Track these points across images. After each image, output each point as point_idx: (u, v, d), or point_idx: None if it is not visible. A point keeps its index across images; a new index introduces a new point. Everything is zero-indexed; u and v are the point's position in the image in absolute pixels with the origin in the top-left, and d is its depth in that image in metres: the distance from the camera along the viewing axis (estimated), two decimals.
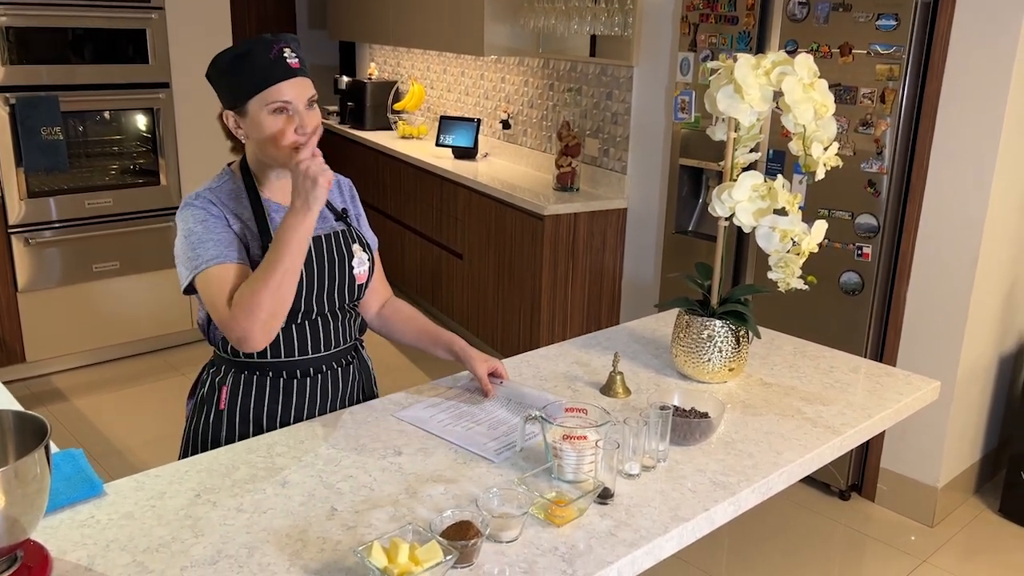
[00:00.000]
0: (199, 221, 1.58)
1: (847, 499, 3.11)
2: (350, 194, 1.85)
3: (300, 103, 1.58)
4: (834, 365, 1.97)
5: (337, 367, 1.74)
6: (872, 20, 2.73)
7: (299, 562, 1.18)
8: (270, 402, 1.67)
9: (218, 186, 1.66)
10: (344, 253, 1.71)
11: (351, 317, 1.77)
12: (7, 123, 3.67)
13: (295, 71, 1.58)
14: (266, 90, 1.56)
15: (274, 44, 1.58)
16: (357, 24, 5.85)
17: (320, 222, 1.69)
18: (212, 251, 1.55)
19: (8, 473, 1.04)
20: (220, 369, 1.71)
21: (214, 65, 1.62)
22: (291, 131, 1.57)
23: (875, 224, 2.83)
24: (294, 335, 1.66)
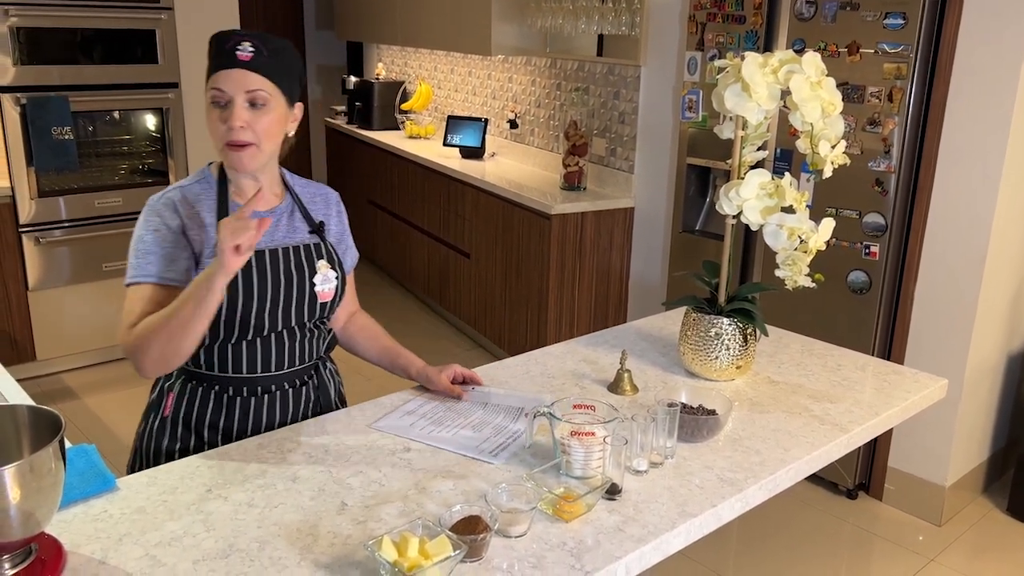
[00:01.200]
0: (151, 229, 1.54)
1: (854, 498, 3.11)
2: (337, 208, 1.78)
3: (237, 96, 1.48)
4: (841, 363, 1.98)
5: (289, 387, 1.66)
6: (879, 19, 2.73)
7: (310, 556, 1.20)
8: (212, 414, 1.61)
9: (189, 184, 1.61)
10: (306, 268, 1.63)
11: (315, 336, 1.69)
12: (18, 123, 3.69)
13: (240, 62, 1.49)
14: (209, 79, 1.51)
15: (235, 36, 1.51)
16: (365, 24, 5.87)
17: (288, 231, 1.65)
18: (151, 267, 1.52)
19: (23, 467, 1.05)
20: (172, 375, 1.65)
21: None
22: (222, 125, 1.49)
23: (883, 223, 2.83)
24: (244, 351, 1.59)
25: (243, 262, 1.38)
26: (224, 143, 1.50)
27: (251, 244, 1.36)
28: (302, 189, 1.73)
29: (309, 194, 1.74)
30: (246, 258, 1.38)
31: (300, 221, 1.68)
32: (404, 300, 5.25)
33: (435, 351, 4.42)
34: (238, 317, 1.55)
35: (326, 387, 1.74)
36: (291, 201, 1.69)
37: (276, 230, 1.64)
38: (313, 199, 1.74)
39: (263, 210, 1.62)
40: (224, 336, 1.57)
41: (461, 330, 4.73)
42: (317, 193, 1.76)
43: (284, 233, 1.65)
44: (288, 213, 1.67)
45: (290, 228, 1.66)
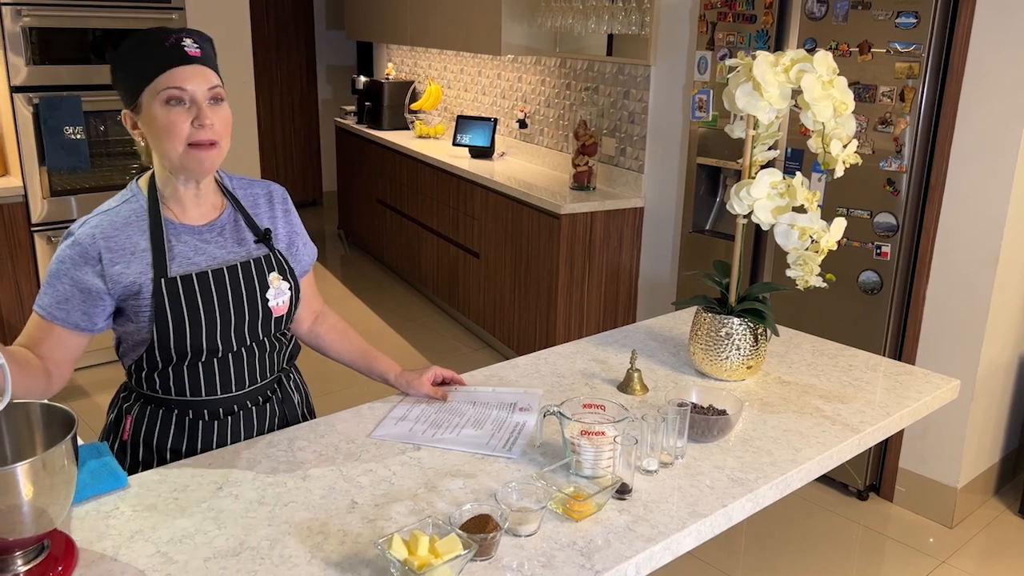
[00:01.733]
0: (60, 260, 1.45)
1: (865, 499, 3.09)
2: (283, 207, 1.66)
3: (199, 93, 1.42)
4: (853, 363, 1.97)
5: (252, 406, 1.60)
6: (892, 18, 2.71)
7: (320, 554, 1.20)
8: (174, 439, 1.55)
9: (116, 207, 1.50)
10: (257, 284, 1.55)
11: (275, 349, 1.62)
12: (31, 123, 3.71)
13: (193, 59, 1.43)
14: (158, 77, 1.40)
15: (172, 33, 1.44)
16: (375, 24, 5.88)
17: (236, 247, 1.56)
18: (45, 299, 1.46)
19: (36, 464, 1.06)
20: (130, 396, 1.60)
21: (112, 59, 1.48)
22: (186, 124, 1.41)
23: (894, 223, 2.82)
24: (200, 373, 1.53)
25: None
26: (187, 143, 1.42)
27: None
28: (244, 191, 1.63)
29: (252, 196, 1.63)
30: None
31: (245, 231, 1.58)
32: (413, 300, 5.26)
33: (444, 351, 4.43)
34: (188, 342, 1.49)
35: (291, 400, 1.68)
36: (232, 209, 1.58)
37: (219, 246, 1.54)
38: (256, 201, 1.63)
39: (202, 224, 1.54)
40: (176, 360, 1.51)
41: (470, 330, 4.73)
42: (261, 193, 1.65)
43: (229, 248, 1.55)
44: (231, 223, 1.57)
45: (235, 240, 1.56)
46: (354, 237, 6.35)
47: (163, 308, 1.46)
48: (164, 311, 1.46)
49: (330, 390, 3.62)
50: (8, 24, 3.60)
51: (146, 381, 1.55)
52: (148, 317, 1.47)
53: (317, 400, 1.83)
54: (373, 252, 6.01)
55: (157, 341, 1.48)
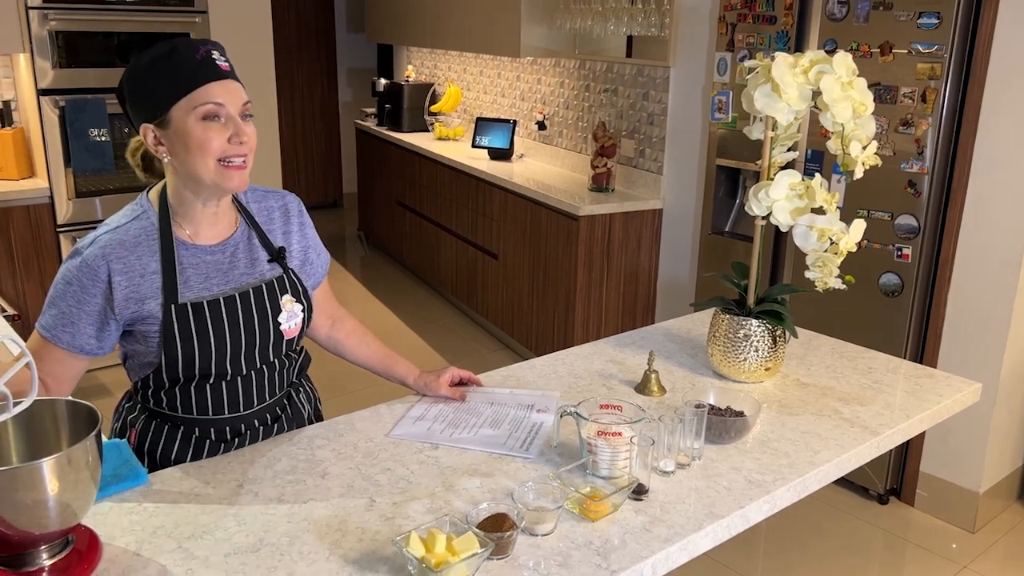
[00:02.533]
0: (66, 281, 1.42)
1: (885, 503, 3.07)
2: (298, 220, 1.62)
3: (233, 109, 1.38)
4: (872, 366, 1.96)
5: (260, 425, 1.58)
6: (913, 19, 2.70)
7: (338, 551, 1.21)
8: (178, 453, 1.53)
9: (126, 224, 1.44)
10: (269, 308, 1.51)
11: (285, 367, 1.61)
12: (57, 125, 3.77)
13: (225, 73, 1.39)
14: (193, 92, 1.35)
15: (200, 45, 1.39)
16: (395, 27, 5.91)
17: (248, 268, 1.52)
18: (47, 319, 1.43)
19: (62, 459, 1.07)
20: (135, 406, 1.58)
21: (129, 74, 1.40)
22: (222, 141, 1.37)
23: (915, 225, 2.80)
24: (208, 394, 1.51)
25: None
26: (223, 162, 1.38)
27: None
28: (258, 205, 1.59)
29: (267, 209, 1.59)
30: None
31: (258, 249, 1.54)
32: (432, 301, 5.28)
33: (462, 352, 4.44)
34: (196, 367, 1.46)
35: (300, 414, 1.66)
36: (246, 227, 1.55)
37: (233, 267, 1.51)
38: (271, 215, 1.59)
39: (215, 244, 1.50)
40: (184, 381, 1.50)
41: (488, 331, 4.74)
42: (276, 206, 1.61)
43: (243, 269, 1.51)
44: (245, 242, 1.53)
45: (248, 260, 1.52)
46: (374, 239, 6.39)
47: (172, 335, 1.44)
48: (173, 338, 1.44)
49: (349, 390, 3.64)
50: (35, 28, 3.65)
51: (152, 397, 1.54)
52: (157, 343, 1.45)
53: (335, 400, 1.85)
54: (392, 253, 6.04)
55: (165, 365, 1.46)
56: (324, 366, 1.83)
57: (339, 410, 1.71)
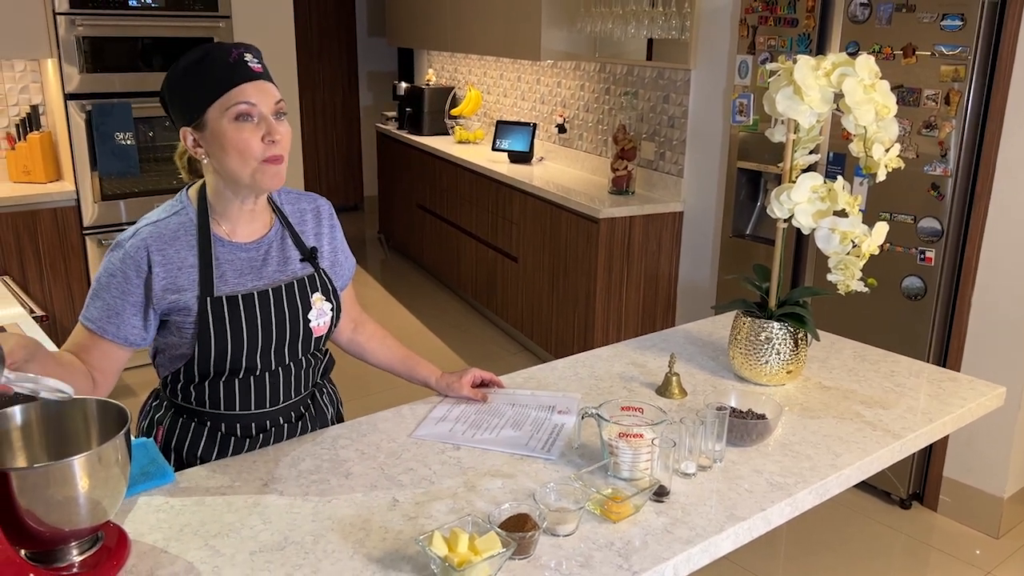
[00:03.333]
0: (109, 273, 1.46)
1: (908, 508, 3.05)
2: (329, 222, 1.67)
3: (266, 109, 1.42)
4: (895, 369, 1.95)
5: (284, 423, 1.60)
6: (937, 21, 2.68)
7: (362, 550, 1.22)
8: (204, 451, 1.57)
9: (165, 219, 1.49)
10: (300, 305, 1.55)
11: (311, 366, 1.63)
12: (83, 129, 3.82)
13: (257, 74, 1.43)
14: (226, 94, 1.40)
15: (233, 48, 1.43)
16: (416, 31, 5.94)
17: (281, 266, 1.56)
18: (92, 312, 1.46)
19: (92, 457, 1.10)
20: (161, 404, 1.62)
21: (167, 80, 1.45)
22: (257, 141, 1.41)
23: (939, 228, 2.78)
24: (236, 389, 1.54)
25: None
26: (260, 160, 1.42)
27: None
28: (292, 207, 1.63)
29: (299, 211, 1.63)
30: None
31: (291, 249, 1.58)
32: (452, 303, 5.30)
33: (482, 354, 4.45)
34: (228, 360, 1.50)
35: (323, 414, 1.69)
36: (280, 226, 1.59)
37: (266, 264, 1.55)
38: (304, 217, 1.64)
39: (250, 242, 1.54)
40: (214, 375, 1.53)
41: (508, 333, 4.75)
42: (308, 209, 1.65)
43: (275, 267, 1.55)
44: (278, 241, 1.58)
45: (281, 259, 1.56)
46: (394, 241, 6.42)
47: (207, 327, 1.47)
48: (208, 330, 1.47)
49: (370, 392, 3.66)
50: (63, 33, 3.71)
51: (181, 392, 1.57)
52: (191, 334, 1.48)
53: (357, 402, 1.86)
54: (413, 256, 6.07)
55: (198, 357, 1.49)
56: (346, 369, 1.85)
57: (361, 412, 1.72)
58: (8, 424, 1.19)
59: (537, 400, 1.74)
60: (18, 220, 3.78)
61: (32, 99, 4.14)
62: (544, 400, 1.74)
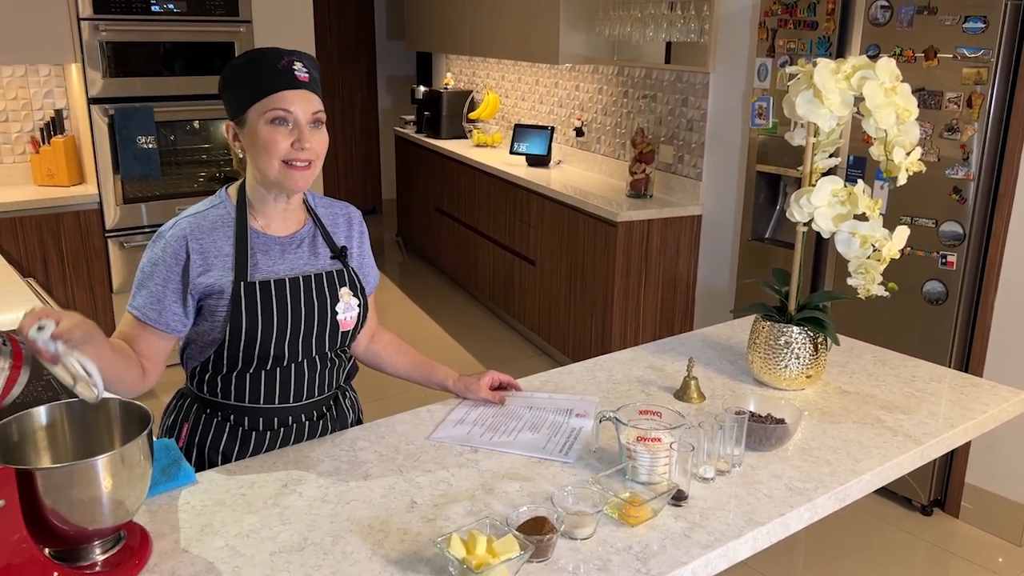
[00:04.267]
0: (152, 262, 1.53)
1: (929, 514, 3.02)
2: (359, 229, 1.74)
3: (303, 117, 1.49)
4: (916, 374, 1.93)
5: (306, 420, 1.64)
6: (959, 23, 2.66)
7: (380, 551, 1.23)
8: (226, 445, 1.61)
9: (205, 211, 1.57)
10: (328, 296, 1.60)
11: (336, 365, 1.67)
12: (106, 133, 3.87)
13: (302, 83, 1.50)
14: (267, 97, 1.48)
15: (285, 55, 1.51)
16: (435, 35, 5.96)
17: (311, 259, 1.62)
18: (138, 300, 1.53)
19: (115, 457, 1.11)
20: (187, 402, 1.66)
21: (223, 74, 1.55)
22: (286, 145, 1.48)
23: (960, 232, 2.76)
24: (261, 381, 1.58)
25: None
26: (285, 162, 1.49)
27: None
28: (325, 210, 1.70)
29: (332, 215, 1.70)
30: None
31: (322, 246, 1.65)
32: (469, 306, 5.31)
33: (499, 357, 4.46)
34: (257, 347, 1.54)
35: (345, 418, 1.72)
36: (313, 225, 1.65)
37: (298, 256, 1.61)
38: (336, 220, 1.70)
39: (284, 236, 1.60)
40: (242, 365, 1.57)
41: (525, 336, 4.75)
42: (340, 214, 1.72)
43: (306, 260, 1.61)
44: (310, 238, 1.64)
45: (312, 254, 1.63)
46: (412, 244, 6.44)
47: (239, 310, 1.52)
48: (240, 313, 1.52)
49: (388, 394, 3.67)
50: (87, 38, 3.76)
51: (207, 385, 1.61)
52: (224, 318, 1.53)
53: (375, 404, 1.87)
54: (431, 259, 6.08)
55: (228, 342, 1.54)
56: (364, 375, 1.87)
57: (379, 414, 1.73)
58: (33, 424, 1.20)
59: (555, 403, 1.74)
60: (42, 223, 3.83)
61: (56, 103, 4.20)
62: (562, 403, 1.74)
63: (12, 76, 4.08)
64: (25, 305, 2.42)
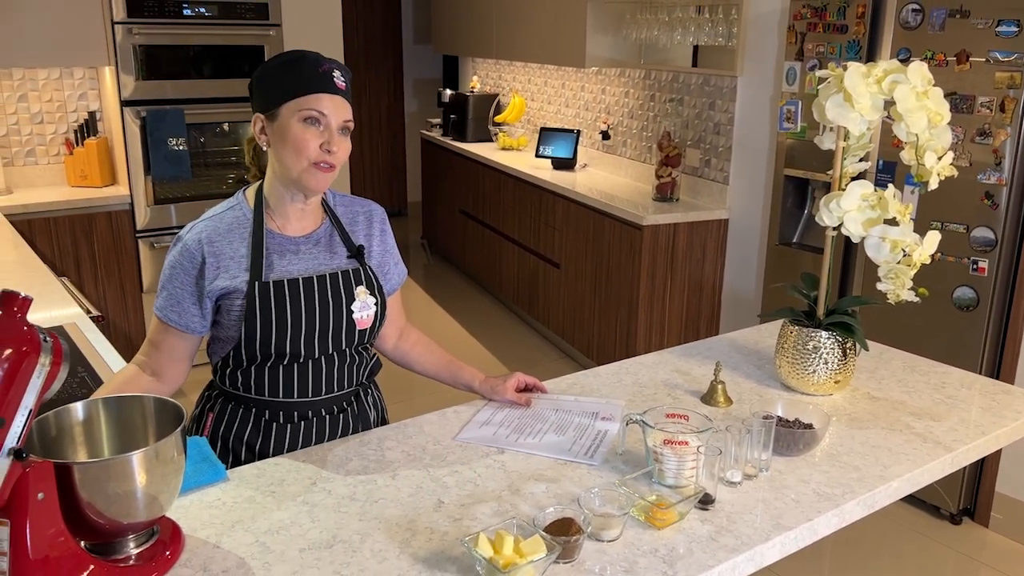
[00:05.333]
0: (171, 266, 1.58)
1: (958, 523, 2.98)
2: (380, 227, 1.74)
3: (335, 122, 1.52)
4: (946, 381, 1.91)
5: (327, 414, 1.67)
6: (991, 26, 2.63)
7: (408, 550, 1.24)
8: (249, 436, 1.64)
9: (221, 213, 1.60)
10: (343, 295, 1.62)
11: (355, 363, 1.69)
12: (138, 135, 3.92)
13: (339, 90, 1.54)
14: (304, 97, 1.51)
15: (326, 61, 1.55)
16: (461, 39, 5.99)
17: (327, 257, 1.64)
18: (160, 301, 1.58)
19: (149, 453, 1.13)
20: (213, 394, 1.70)
21: (261, 68, 1.58)
22: (315, 145, 1.51)
23: (992, 237, 2.72)
24: (280, 376, 1.61)
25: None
26: (311, 162, 1.52)
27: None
28: (344, 209, 1.71)
29: (352, 213, 1.71)
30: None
31: (339, 245, 1.66)
32: (494, 309, 5.32)
33: (523, 360, 4.46)
34: (272, 345, 1.56)
35: (366, 414, 1.74)
36: (329, 224, 1.67)
37: (313, 256, 1.63)
38: (355, 219, 1.71)
39: (300, 235, 1.62)
40: (260, 360, 1.60)
41: (549, 339, 4.75)
42: (360, 211, 1.73)
43: (321, 259, 1.63)
44: (327, 237, 1.66)
45: (328, 253, 1.64)
46: (437, 247, 6.47)
47: (253, 309, 1.55)
48: (254, 312, 1.55)
49: (413, 395, 3.69)
50: (120, 41, 3.82)
51: (230, 378, 1.64)
52: (238, 317, 1.56)
53: (400, 406, 1.89)
54: (455, 262, 6.11)
55: (244, 340, 1.57)
56: (389, 375, 1.88)
57: (404, 415, 1.74)
58: (71, 419, 1.23)
59: (581, 406, 1.74)
60: (75, 223, 3.89)
61: (90, 106, 4.27)
62: (588, 406, 1.74)
63: (48, 79, 4.16)
64: (60, 304, 2.46)
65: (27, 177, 4.18)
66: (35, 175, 4.20)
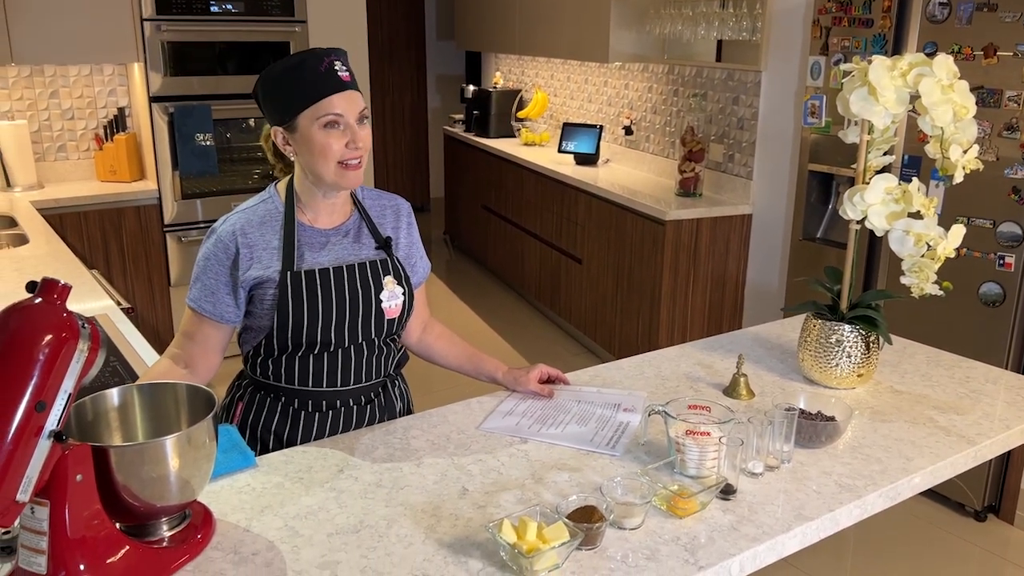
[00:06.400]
0: (205, 257, 1.61)
1: (983, 520, 2.96)
2: (407, 220, 1.78)
3: (351, 117, 1.54)
4: (971, 375, 1.91)
5: (354, 404, 1.70)
6: (1019, 20, 2.61)
7: (433, 535, 1.26)
8: (277, 425, 1.68)
9: (253, 207, 1.64)
10: (372, 285, 1.65)
11: (384, 353, 1.72)
12: (166, 131, 3.98)
13: (346, 84, 1.54)
14: (317, 103, 1.52)
15: (324, 57, 1.54)
16: (484, 34, 6.00)
17: (355, 248, 1.67)
18: (194, 292, 1.62)
19: (182, 438, 1.16)
20: (242, 384, 1.74)
21: (263, 81, 1.57)
22: (340, 146, 1.54)
23: (1019, 233, 2.70)
24: (310, 365, 1.65)
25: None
26: (339, 162, 1.54)
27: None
28: (372, 202, 1.74)
29: (379, 207, 1.75)
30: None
31: (367, 237, 1.69)
32: (516, 304, 5.34)
33: (545, 355, 4.48)
34: (304, 333, 1.60)
35: (392, 406, 1.77)
36: (358, 217, 1.70)
37: (342, 247, 1.66)
38: (383, 212, 1.75)
39: (330, 228, 1.66)
40: (291, 349, 1.63)
41: (571, 335, 4.77)
42: (388, 205, 1.76)
43: (350, 250, 1.67)
44: (355, 229, 1.69)
45: (356, 244, 1.68)
46: (460, 242, 6.50)
47: (286, 298, 1.58)
48: (286, 301, 1.58)
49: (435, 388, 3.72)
50: (149, 38, 3.87)
51: (260, 367, 1.68)
52: (271, 306, 1.60)
53: (423, 398, 1.91)
54: (478, 257, 6.13)
55: (276, 329, 1.60)
56: (413, 369, 1.91)
57: (428, 407, 1.77)
58: (107, 404, 1.26)
59: (603, 398, 1.76)
60: (104, 217, 3.95)
61: (119, 102, 4.33)
62: (610, 398, 1.75)
63: (78, 75, 4.23)
64: (92, 296, 2.51)
65: (58, 172, 4.25)
66: (66, 170, 4.27)
